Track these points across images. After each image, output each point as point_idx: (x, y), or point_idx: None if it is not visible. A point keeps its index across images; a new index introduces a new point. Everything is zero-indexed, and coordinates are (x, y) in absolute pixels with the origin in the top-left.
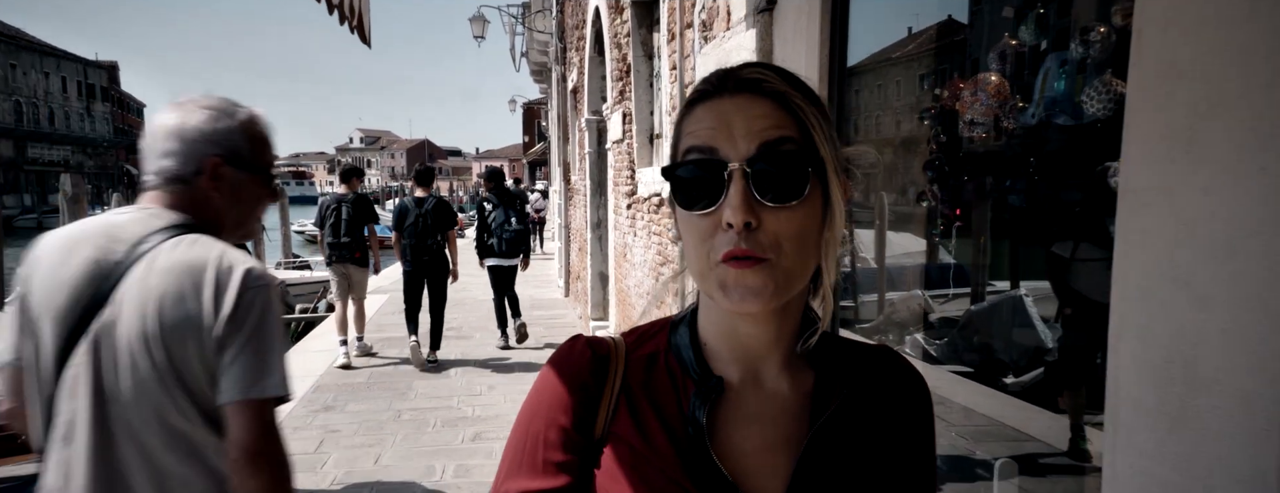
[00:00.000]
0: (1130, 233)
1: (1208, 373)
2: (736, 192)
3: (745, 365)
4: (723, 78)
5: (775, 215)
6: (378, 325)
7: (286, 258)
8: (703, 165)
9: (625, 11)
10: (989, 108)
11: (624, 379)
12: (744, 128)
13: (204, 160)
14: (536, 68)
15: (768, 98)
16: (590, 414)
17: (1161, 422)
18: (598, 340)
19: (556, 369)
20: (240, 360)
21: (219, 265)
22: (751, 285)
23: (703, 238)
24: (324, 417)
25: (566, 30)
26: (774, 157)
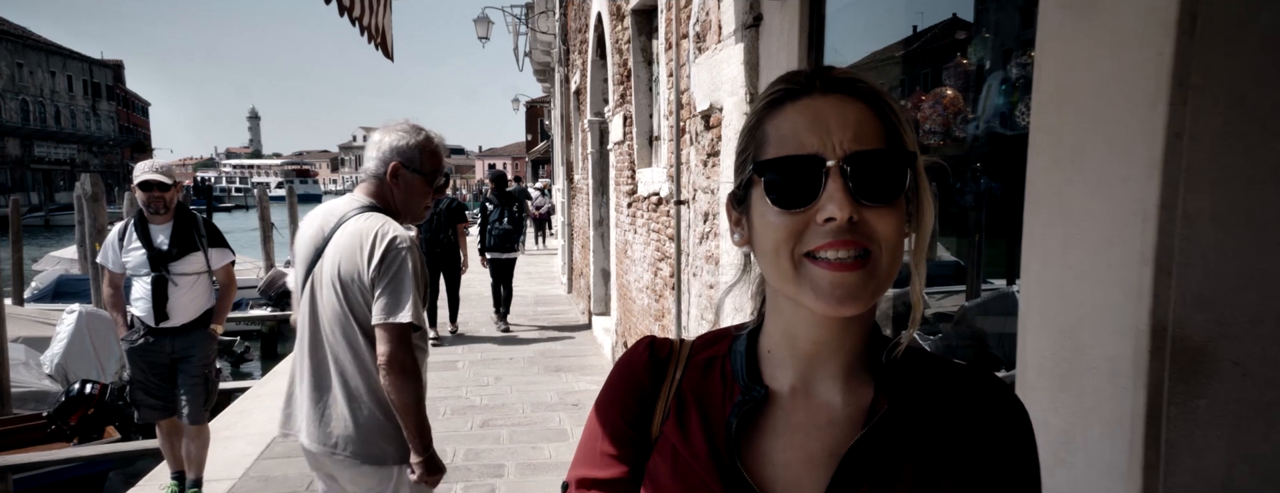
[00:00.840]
0: (1033, 228)
1: (1086, 342)
2: (837, 187)
3: (801, 374)
4: (811, 76)
5: (873, 214)
6: None
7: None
8: (798, 163)
9: (626, 19)
10: (944, 118)
11: (680, 381)
12: (839, 126)
13: (393, 163)
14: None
15: (860, 98)
16: (647, 413)
17: (1054, 382)
18: (662, 342)
19: (619, 369)
20: (382, 297)
21: (376, 233)
22: (850, 285)
23: (791, 235)
24: None
25: (570, 33)
26: (872, 156)
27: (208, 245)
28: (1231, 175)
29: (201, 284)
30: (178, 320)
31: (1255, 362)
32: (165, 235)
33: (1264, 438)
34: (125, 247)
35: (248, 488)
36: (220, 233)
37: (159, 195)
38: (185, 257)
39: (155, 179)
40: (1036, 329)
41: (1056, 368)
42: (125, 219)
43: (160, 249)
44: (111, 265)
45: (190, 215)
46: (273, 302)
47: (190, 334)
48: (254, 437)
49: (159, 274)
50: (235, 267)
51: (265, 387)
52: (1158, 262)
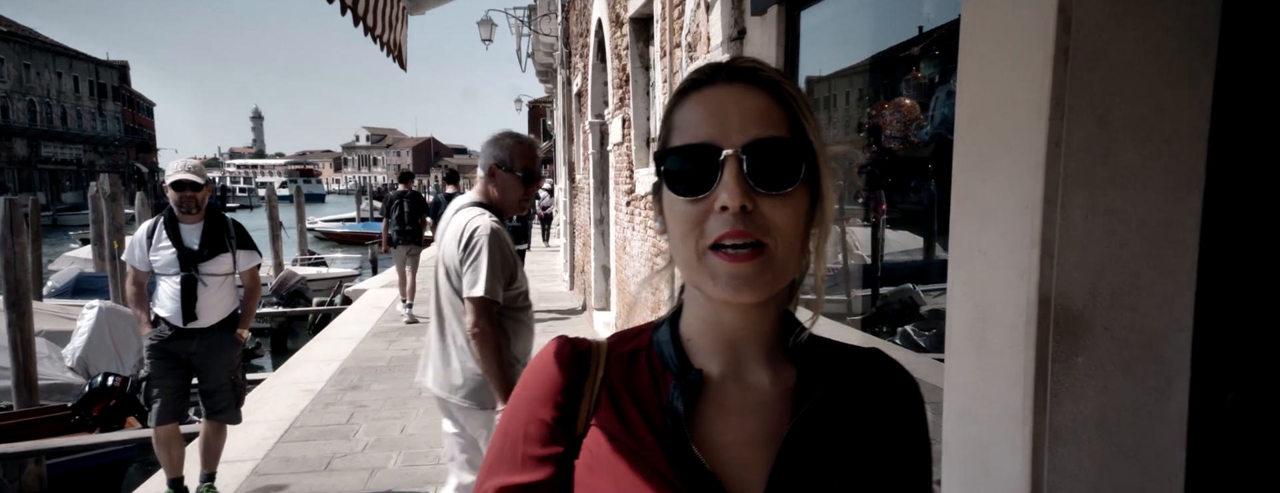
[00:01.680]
0: (956, 220)
1: (994, 312)
2: (732, 176)
3: (727, 359)
4: (716, 68)
5: (769, 203)
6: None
7: (303, 255)
8: (697, 152)
9: (625, 26)
10: (903, 124)
11: (605, 374)
12: (739, 116)
13: (490, 166)
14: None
15: (762, 88)
16: (572, 408)
17: (971, 346)
18: (579, 340)
19: (537, 367)
20: (465, 275)
21: (465, 224)
22: (746, 275)
23: (693, 225)
24: (352, 394)
25: (572, 37)
26: (768, 144)
27: (237, 247)
28: (1097, 176)
29: (228, 286)
30: (205, 322)
31: (1119, 327)
32: (196, 235)
33: (1126, 387)
34: (154, 245)
35: (270, 468)
36: (248, 235)
37: (191, 195)
38: (215, 257)
39: (188, 178)
40: (959, 303)
41: (973, 335)
42: (155, 218)
43: (191, 249)
44: (137, 264)
45: (221, 216)
46: (283, 300)
47: (215, 337)
48: (273, 422)
49: (189, 274)
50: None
51: (279, 378)
52: (1043, 246)
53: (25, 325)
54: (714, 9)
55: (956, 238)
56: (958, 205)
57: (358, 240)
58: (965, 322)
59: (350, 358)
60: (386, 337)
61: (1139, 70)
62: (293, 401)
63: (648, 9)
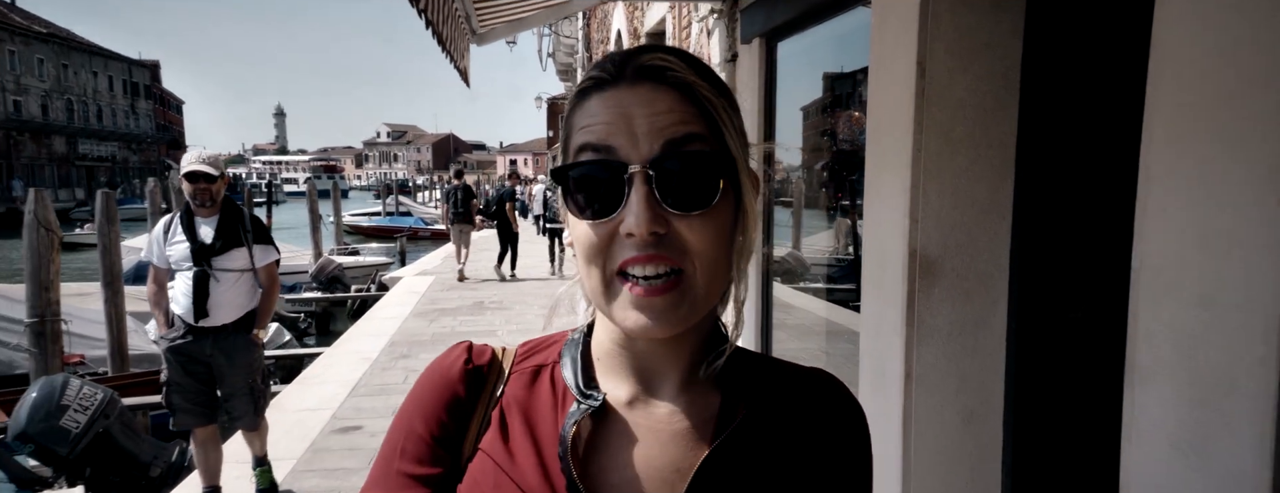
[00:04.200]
0: (867, 201)
1: (888, 261)
2: (639, 198)
3: (639, 385)
4: (620, 63)
5: (685, 223)
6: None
7: (339, 245)
8: (598, 167)
9: (641, 38)
10: (852, 132)
11: (502, 392)
12: (646, 123)
13: None
14: (562, 68)
15: (672, 88)
16: (459, 427)
17: (873, 284)
18: (480, 349)
19: (428, 377)
20: None
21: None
22: (659, 309)
23: (598, 249)
24: (403, 361)
25: (592, 42)
26: (680, 157)
27: (253, 241)
28: (944, 171)
29: (244, 283)
30: (217, 320)
31: (960, 268)
32: (211, 228)
33: (965, 307)
34: (169, 240)
35: (345, 414)
36: (266, 229)
37: (205, 187)
38: (228, 252)
39: (201, 170)
40: (868, 255)
41: (873, 276)
42: (172, 213)
43: (204, 242)
44: (155, 260)
45: (236, 209)
46: (323, 286)
47: (231, 337)
48: (341, 382)
49: (201, 269)
50: (284, 255)
51: (338, 349)
52: (911, 216)
53: (118, 302)
54: (713, 35)
55: (867, 214)
56: (868, 192)
57: (385, 234)
58: (871, 267)
59: (397, 333)
60: (427, 317)
61: (970, 102)
62: (354, 366)
63: (661, 27)
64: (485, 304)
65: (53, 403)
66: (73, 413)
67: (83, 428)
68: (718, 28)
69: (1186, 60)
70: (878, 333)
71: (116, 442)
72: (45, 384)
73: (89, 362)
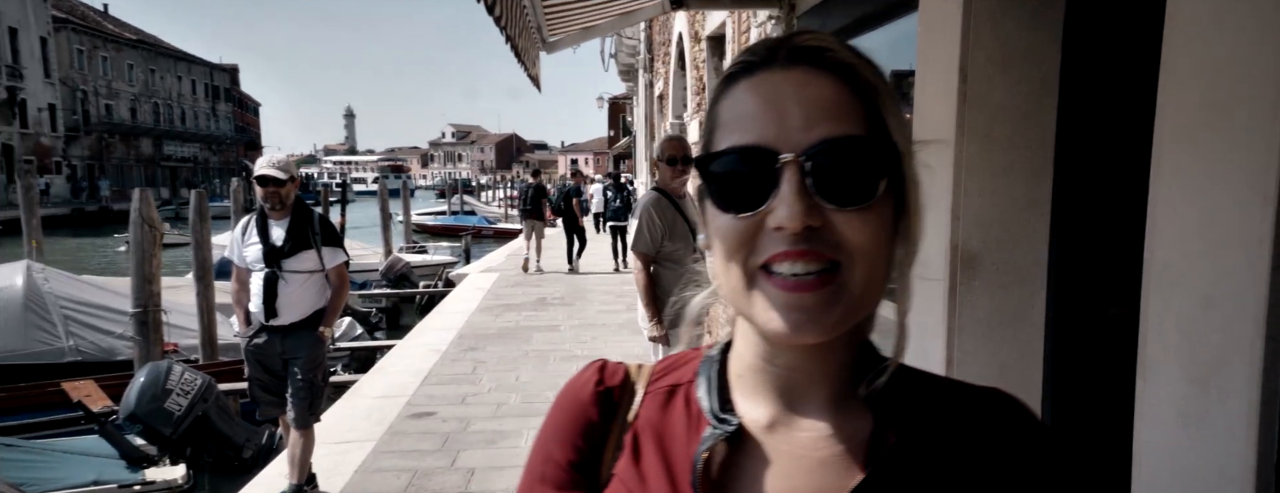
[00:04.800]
0: None
1: (928, 255)
2: (791, 189)
3: (781, 406)
4: (773, 47)
5: (842, 220)
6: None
7: (408, 243)
8: (746, 157)
9: (702, 42)
10: None
11: (636, 414)
12: (800, 109)
13: (653, 160)
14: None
15: (830, 72)
16: (594, 451)
17: (917, 278)
18: (614, 369)
19: (562, 400)
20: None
21: (643, 196)
22: (809, 308)
23: (741, 243)
24: (472, 354)
25: (654, 44)
26: (840, 146)
27: (321, 243)
28: (984, 170)
29: (313, 284)
30: (286, 318)
31: (1000, 262)
32: (282, 230)
33: (1004, 299)
34: (246, 241)
35: (419, 401)
36: (335, 232)
37: (274, 191)
38: (298, 254)
39: (270, 174)
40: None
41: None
42: (251, 214)
43: (274, 244)
44: (235, 260)
45: (307, 212)
46: (392, 283)
47: (298, 335)
48: (413, 372)
49: (271, 270)
50: (356, 253)
51: (409, 341)
52: (953, 213)
53: (209, 295)
54: None
55: None
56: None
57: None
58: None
59: (464, 327)
60: (492, 312)
61: (1009, 105)
62: (425, 357)
63: (721, 30)
64: (548, 300)
65: (158, 387)
66: (175, 397)
67: (184, 411)
68: (776, 33)
69: (1190, 68)
70: (921, 323)
71: (213, 424)
72: (151, 370)
73: (182, 350)
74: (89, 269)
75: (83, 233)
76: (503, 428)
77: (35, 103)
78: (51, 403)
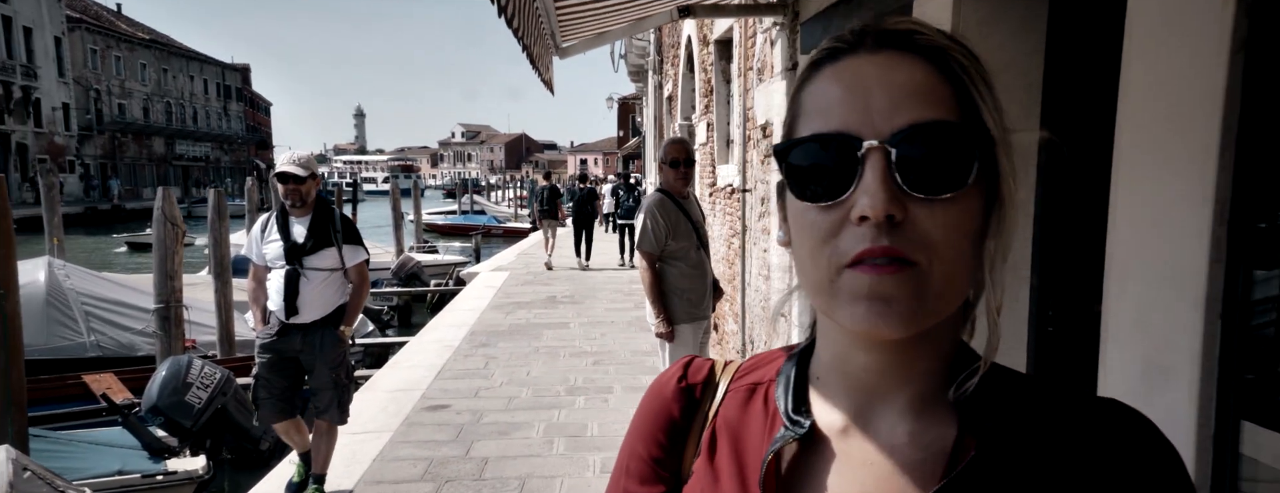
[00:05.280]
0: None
1: None
2: (874, 177)
3: (858, 409)
4: (860, 31)
5: (927, 210)
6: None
7: (418, 242)
8: (828, 143)
9: (710, 45)
10: None
11: (717, 411)
12: (886, 95)
13: (658, 162)
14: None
15: (919, 56)
16: (676, 447)
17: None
18: (699, 365)
19: (649, 396)
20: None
21: (647, 197)
22: (889, 297)
23: (824, 238)
24: (483, 350)
25: (664, 46)
26: (928, 132)
27: (342, 241)
28: None
29: (334, 282)
30: (307, 317)
31: None
32: (303, 228)
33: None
34: (266, 238)
35: (433, 395)
36: (356, 230)
37: (294, 188)
38: (319, 251)
39: (291, 171)
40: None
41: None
42: (270, 212)
43: (296, 242)
44: (254, 257)
45: (328, 209)
46: (402, 282)
47: (318, 333)
48: (427, 367)
49: (292, 268)
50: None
51: (422, 338)
52: None
53: (227, 292)
54: (777, 44)
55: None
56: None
57: (460, 232)
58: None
59: (476, 324)
60: (503, 310)
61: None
62: (438, 352)
63: (729, 34)
64: (557, 298)
65: (179, 380)
66: (196, 390)
67: (204, 404)
68: (780, 38)
69: (1143, 82)
70: None
71: (232, 417)
72: (173, 364)
73: (200, 346)
74: (92, 269)
75: (96, 232)
76: (514, 420)
77: (49, 102)
78: (72, 395)
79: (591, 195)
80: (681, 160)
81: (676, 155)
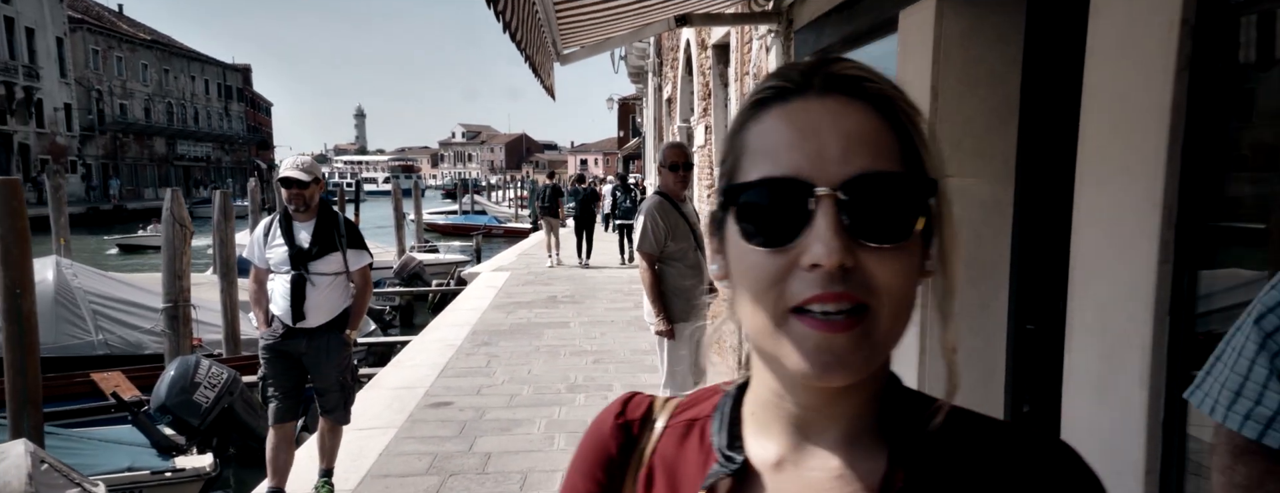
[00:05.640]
0: None
1: None
2: (826, 224)
3: (791, 444)
4: (807, 72)
5: (875, 259)
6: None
7: (419, 242)
8: (779, 189)
9: (708, 50)
10: None
11: (655, 448)
12: (837, 142)
13: (657, 165)
14: (634, 70)
15: (867, 103)
16: (615, 484)
17: None
18: (637, 402)
19: (588, 433)
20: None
21: (646, 200)
22: (839, 350)
23: (771, 281)
24: (485, 348)
25: (664, 49)
26: (877, 182)
27: (346, 246)
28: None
29: (338, 285)
30: (313, 321)
31: (969, 258)
32: (308, 233)
33: (973, 293)
34: (269, 243)
35: (436, 392)
36: (360, 234)
37: (298, 193)
38: (325, 256)
39: (293, 176)
40: None
41: None
42: (272, 215)
43: (301, 247)
44: (255, 261)
45: (332, 214)
46: (405, 282)
47: (324, 336)
48: (430, 365)
49: (298, 273)
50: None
51: (424, 337)
52: None
53: (232, 292)
54: (772, 51)
55: None
56: None
57: (461, 232)
58: None
59: (478, 324)
60: (505, 309)
61: (975, 119)
62: (441, 351)
63: (726, 39)
64: (558, 298)
65: (187, 380)
66: (203, 389)
67: (211, 403)
68: (775, 45)
69: (1102, 96)
70: None
71: (239, 416)
72: (181, 363)
73: (206, 345)
74: None
75: (99, 232)
76: (516, 417)
77: (51, 102)
78: (81, 393)
79: (593, 196)
80: (680, 164)
81: (675, 159)
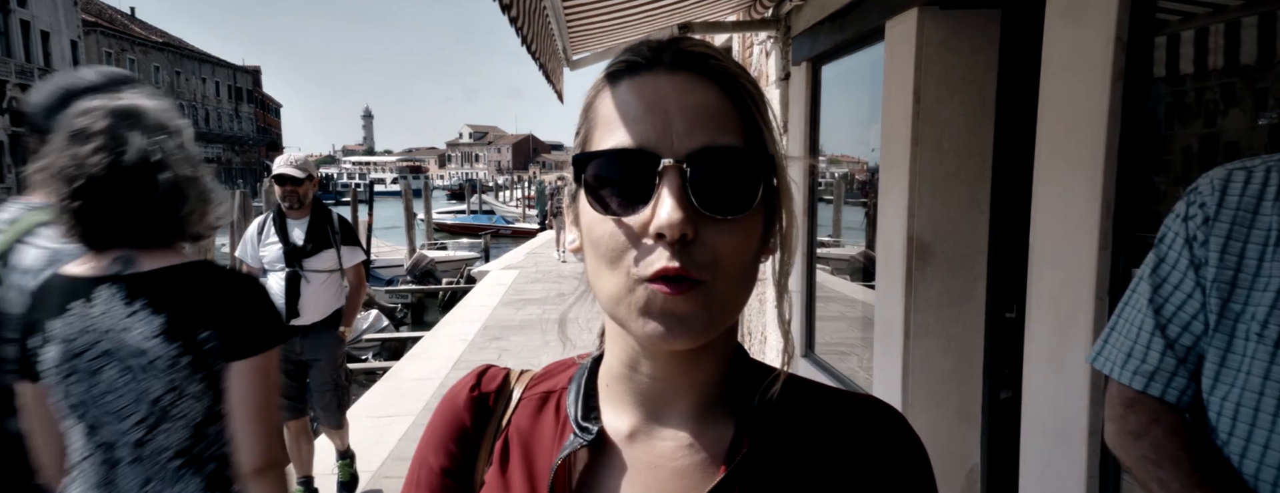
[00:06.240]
0: (881, 199)
1: (891, 246)
2: (671, 194)
3: (643, 416)
4: (658, 49)
5: (715, 229)
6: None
7: (429, 240)
8: (627, 160)
9: None
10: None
11: (510, 420)
12: (683, 116)
13: None
14: None
15: (712, 80)
16: (467, 458)
17: (884, 264)
18: (492, 374)
19: (441, 405)
20: None
21: None
22: (680, 314)
23: (620, 251)
24: (496, 343)
25: None
26: (719, 155)
27: (340, 243)
28: (935, 176)
29: (333, 283)
30: (308, 319)
31: (947, 251)
32: (302, 230)
33: (951, 282)
34: (263, 241)
35: (451, 383)
36: (354, 231)
37: (292, 190)
38: (319, 253)
39: (288, 173)
40: (878, 243)
41: (882, 259)
42: (265, 213)
43: (295, 244)
44: (248, 259)
45: (325, 211)
46: (416, 279)
47: (319, 335)
48: (444, 358)
49: (293, 270)
50: (382, 250)
51: (438, 332)
52: (909, 210)
53: None
54: (772, 56)
55: (879, 208)
56: (880, 191)
57: (469, 231)
58: (881, 250)
59: (489, 320)
60: (514, 306)
61: (954, 122)
62: (453, 345)
63: (728, 43)
64: (566, 295)
65: None
66: None
67: None
68: (774, 51)
69: (1054, 102)
70: (886, 302)
71: None
72: None
73: None
74: None
75: None
76: None
77: None
78: None
79: None
80: None
81: None
